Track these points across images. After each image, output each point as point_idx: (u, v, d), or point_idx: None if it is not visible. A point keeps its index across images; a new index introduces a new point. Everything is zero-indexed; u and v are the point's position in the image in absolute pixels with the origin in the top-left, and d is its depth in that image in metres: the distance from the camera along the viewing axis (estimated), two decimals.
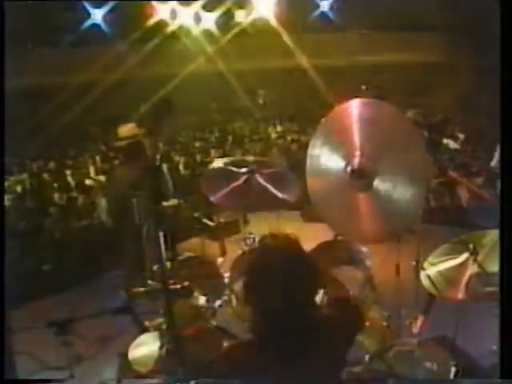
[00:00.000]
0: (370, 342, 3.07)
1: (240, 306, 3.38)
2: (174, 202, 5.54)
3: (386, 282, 3.42)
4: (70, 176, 8.55)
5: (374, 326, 3.20)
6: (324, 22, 12.40)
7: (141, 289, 3.04)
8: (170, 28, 11.62)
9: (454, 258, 2.88)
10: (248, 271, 1.86)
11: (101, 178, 7.93)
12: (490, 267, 2.72)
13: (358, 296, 3.21)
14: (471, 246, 2.81)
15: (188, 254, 3.82)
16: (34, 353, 3.83)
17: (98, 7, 11.21)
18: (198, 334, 3.09)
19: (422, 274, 2.92)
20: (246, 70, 11.87)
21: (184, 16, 11.76)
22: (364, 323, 2.56)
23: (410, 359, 3.01)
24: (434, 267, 2.91)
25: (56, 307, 4.86)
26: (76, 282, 5.49)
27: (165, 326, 3.00)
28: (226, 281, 3.54)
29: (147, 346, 3.10)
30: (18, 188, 7.86)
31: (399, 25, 12.39)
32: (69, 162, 9.71)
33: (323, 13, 12.56)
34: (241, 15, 12.39)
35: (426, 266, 2.94)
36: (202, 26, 12.18)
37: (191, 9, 11.79)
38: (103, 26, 11.34)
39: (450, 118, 10.66)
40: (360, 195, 2.90)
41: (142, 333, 3.36)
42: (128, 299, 4.58)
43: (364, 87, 10.99)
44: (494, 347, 2.84)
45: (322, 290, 2.04)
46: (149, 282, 3.08)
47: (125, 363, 3.27)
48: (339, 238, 3.48)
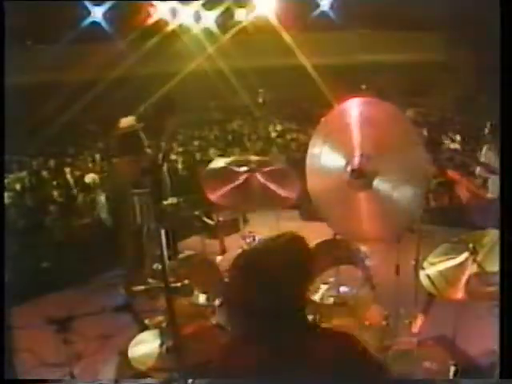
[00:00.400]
0: (370, 341, 3.08)
1: None
2: (174, 201, 5.55)
3: (385, 281, 3.43)
4: (69, 174, 8.54)
5: (373, 325, 3.21)
6: (324, 21, 12.38)
7: (141, 287, 3.05)
8: (170, 26, 11.60)
9: (453, 258, 2.88)
10: (241, 270, 1.84)
11: (100, 176, 7.92)
12: (490, 267, 2.73)
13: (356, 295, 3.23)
14: (471, 245, 2.82)
15: (188, 253, 3.82)
16: (34, 350, 3.83)
17: (98, 5, 11.18)
18: (198, 333, 3.09)
19: (422, 274, 2.93)
20: (245, 69, 11.85)
21: (184, 14, 11.75)
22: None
23: (409, 358, 3.03)
24: (434, 267, 2.92)
25: (56, 305, 4.86)
26: (76, 279, 5.48)
27: (165, 324, 3.01)
28: (226, 279, 3.54)
29: (147, 344, 3.11)
30: (18, 186, 7.85)
31: (399, 24, 12.38)
32: (68, 159, 9.70)
33: (323, 12, 12.55)
34: (241, 14, 12.37)
35: (425, 265, 2.94)
36: (201, 24, 12.16)
37: (191, 7, 11.78)
38: (103, 24, 11.31)
39: (450, 118, 10.67)
40: (360, 194, 2.91)
41: (142, 331, 3.37)
42: (128, 297, 4.60)
43: (364, 86, 10.98)
44: (493, 346, 2.85)
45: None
46: (149, 280, 3.08)
47: (125, 361, 3.28)
48: (338, 237, 3.49)
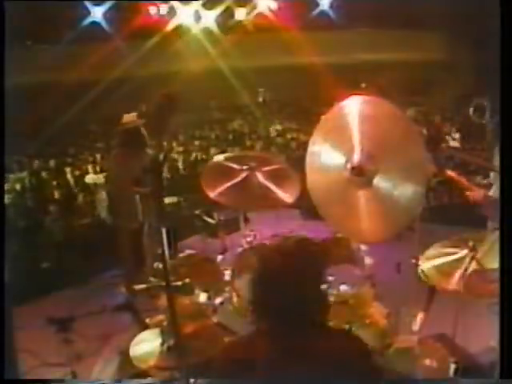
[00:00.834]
0: (370, 339, 3.09)
1: (241, 303, 3.39)
2: (175, 200, 5.56)
3: (385, 279, 3.43)
4: (69, 174, 8.55)
5: (373, 323, 3.21)
6: (324, 21, 12.39)
7: (142, 285, 3.05)
8: (170, 26, 11.62)
9: (452, 254, 2.90)
10: (255, 269, 1.89)
11: (101, 175, 7.93)
12: (489, 265, 2.74)
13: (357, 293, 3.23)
14: (471, 243, 2.83)
15: (189, 252, 3.82)
16: (34, 350, 3.83)
17: (98, 5, 11.19)
18: (199, 331, 3.10)
19: (421, 268, 2.95)
20: (245, 68, 11.85)
21: (184, 14, 11.76)
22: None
23: (409, 356, 3.03)
24: (430, 261, 2.95)
25: (56, 305, 4.87)
26: (76, 279, 5.49)
27: (166, 322, 3.01)
28: (227, 278, 3.55)
29: (148, 343, 3.11)
30: (18, 186, 7.86)
31: (399, 23, 12.38)
32: (69, 159, 9.70)
33: (323, 11, 12.56)
34: (241, 13, 12.38)
35: (421, 260, 2.97)
36: (201, 24, 12.17)
37: (191, 7, 11.79)
38: (103, 24, 11.32)
39: (450, 117, 10.67)
40: (360, 193, 2.91)
41: (143, 330, 3.37)
42: (128, 296, 4.60)
43: (364, 85, 10.98)
44: (493, 344, 2.86)
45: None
46: (150, 278, 3.09)
47: (126, 360, 3.28)
48: (339, 235, 3.49)
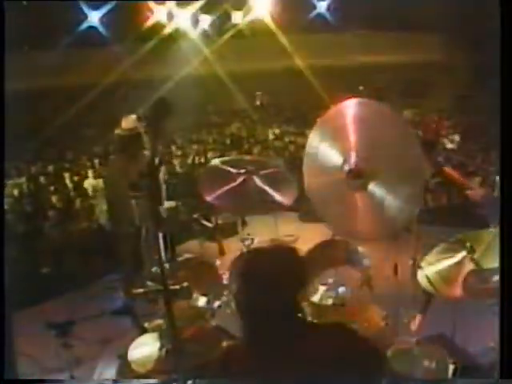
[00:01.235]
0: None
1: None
2: (172, 204, 5.55)
3: (383, 281, 3.44)
4: (67, 179, 8.54)
5: (372, 325, 3.21)
6: (321, 23, 12.41)
7: (140, 290, 3.05)
8: (167, 30, 11.64)
9: (451, 257, 2.90)
10: (238, 274, 1.87)
11: (99, 180, 7.92)
12: (487, 265, 2.74)
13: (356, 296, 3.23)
14: (468, 244, 2.83)
15: (187, 255, 3.82)
16: (34, 354, 3.83)
17: (95, 9, 11.21)
18: (198, 335, 3.10)
19: (420, 274, 2.94)
20: (242, 72, 11.87)
21: (181, 18, 11.78)
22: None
23: (408, 358, 3.03)
24: (432, 266, 2.93)
25: (56, 309, 4.87)
26: (75, 284, 5.49)
27: (164, 326, 3.01)
28: (225, 282, 3.55)
29: (147, 347, 3.11)
30: (16, 191, 7.85)
31: (397, 25, 12.39)
32: (67, 164, 9.69)
33: (320, 14, 12.59)
34: (237, 17, 12.41)
35: (423, 265, 2.96)
36: (198, 27, 12.20)
37: (188, 11, 11.81)
38: (100, 28, 11.33)
39: (448, 118, 10.68)
40: (357, 194, 2.92)
41: (142, 334, 3.37)
42: (127, 301, 4.60)
43: (361, 88, 11.00)
44: (492, 345, 2.86)
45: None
46: (148, 283, 3.08)
47: (124, 364, 3.28)
48: (337, 237, 3.50)
